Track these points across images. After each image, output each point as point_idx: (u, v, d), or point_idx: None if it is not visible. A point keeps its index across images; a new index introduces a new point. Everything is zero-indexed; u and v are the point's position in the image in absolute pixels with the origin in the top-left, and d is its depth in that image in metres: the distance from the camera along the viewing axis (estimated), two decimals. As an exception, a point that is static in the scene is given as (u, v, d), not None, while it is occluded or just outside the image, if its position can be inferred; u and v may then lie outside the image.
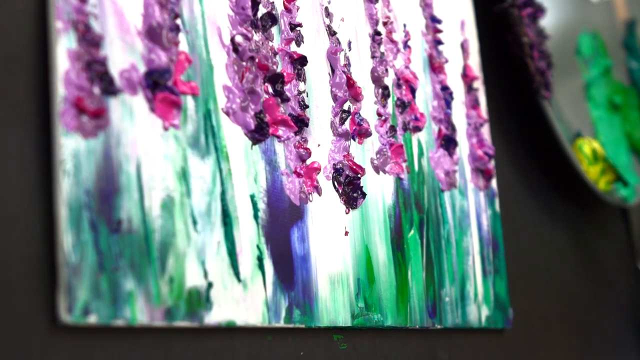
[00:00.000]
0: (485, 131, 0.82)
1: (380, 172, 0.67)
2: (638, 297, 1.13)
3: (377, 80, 0.69)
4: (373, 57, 0.69)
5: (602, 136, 1.05)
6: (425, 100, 0.74)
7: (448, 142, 0.76)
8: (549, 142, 0.92)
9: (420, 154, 0.72)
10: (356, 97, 0.66)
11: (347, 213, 0.63)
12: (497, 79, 0.90)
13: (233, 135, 0.55)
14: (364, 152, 0.66)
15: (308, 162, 0.60)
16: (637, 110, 1.15)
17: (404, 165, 0.70)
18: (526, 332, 0.86)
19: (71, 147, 0.45)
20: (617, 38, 1.18)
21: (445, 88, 0.77)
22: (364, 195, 0.64)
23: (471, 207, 0.78)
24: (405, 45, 0.73)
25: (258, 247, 0.55)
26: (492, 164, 0.81)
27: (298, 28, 0.62)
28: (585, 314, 1.00)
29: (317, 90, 0.63)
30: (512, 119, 0.92)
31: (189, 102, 0.53)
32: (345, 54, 0.66)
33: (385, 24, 0.71)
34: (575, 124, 0.99)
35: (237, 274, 0.53)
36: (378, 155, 0.67)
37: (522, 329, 0.85)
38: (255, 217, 0.56)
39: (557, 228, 0.98)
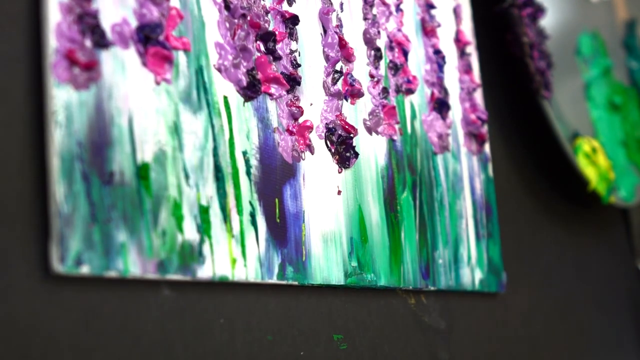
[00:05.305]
0: (478, 96, 0.82)
1: (373, 133, 0.67)
2: (638, 297, 1.13)
3: (369, 42, 0.69)
4: (365, 19, 0.69)
5: (602, 136, 1.05)
6: (417, 63, 0.74)
7: (441, 106, 0.76)
8: (548, 143, 0.92)
9: (413, 116, 0.72)
10: (348, 57, 0.66)
11: (339, 172, 0.63)
12: (497, 79, 0.90)
13: (225, 92, 0.55)
14: (356, 113, 0.66)
15: (300, 120, 0.61)
16: (637, 110, 1.15)
17: (396, 127, 0.70)
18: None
19: (63, 98, 0.45)
20: (617, 38, 1.18)
21: (437, 52, 0.77)
22: (356, 154, 0.64)
23: (464, 170, 0.78)
24: (398, 9, 0.73)
25: (251, 203, 0.55)
26: (485, 129, 0.81)
27: (290, -13, 0.62)
28: (585, 314, 1.00)
29: (309, 50, 0.63)
30: (512, 119, 0.92)
31: (181, 57, 0.53)
32: (337, 14, 0.66)
33: (377, -14, 0.71)
34: (575, 124, 0.99)
35: (230, 229, 0.54)
36: (370, 117, 0.67)
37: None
38: (248, 173, 0.56)
39: (557, 228, 0.98)
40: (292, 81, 0.60)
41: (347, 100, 0.65)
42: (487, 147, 0.82)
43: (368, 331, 0.64)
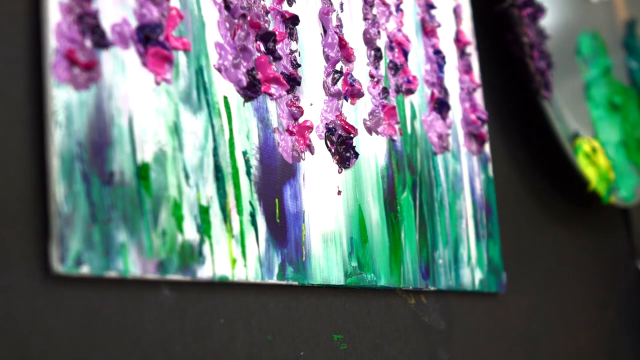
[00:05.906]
0: (478, 96, 0.82)
1: (373, 133, 0.67)
2: (638, 297, 1.13)
3: (369, 42, 0.69)
4: (365, 19, 0.69)
5: (602, 136, 1.05)
6: (417, 63, 0.74)
7: (441, 106, 0.76)
8: (548, 143, 0.92)
9: (413, 116, 0.72)
10: (348, 57, 0.66)
11: (339, 172, 0.63)
12: (497, 79, 0.90)
13: (225, 92, 0.55)
14: (356, 113, 0.66)
15: (300, 120, 0.61)
16: (637, 110, 1.15)
17: (396, 127, 0.70)
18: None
19: (63, 98, 0.45)
20: (617, 38, 1.18)
21: (437, 52, 0.77)
22: (356, 155, 0.64)
23: (464, 171, 0.78)
24: (398, 9, 0.73)
25: (251, 203, 0.55)
26: (485, 129, 0.81)
27: (290, -12, 0.62)
28: (585, 314, 1.00)
29: (309, 50, 0.63)
30: (512, 119, 0.92)
31: (181, 57, 0.53)
32: (337, 14, 0.66)
33: (377, -14, 0.71)
34: (575, 124, 0.99)
35: (230, 229, 0.54)
36: (370, 117, 0.67)
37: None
38: (248, 173, 0.56)
39: (557, 228, 0.98)
40: (292, 81, 0.60)
41: (347, 100, 0.65)
42: (487, 147, 0.82)
43: (368, 331, 0.64)
